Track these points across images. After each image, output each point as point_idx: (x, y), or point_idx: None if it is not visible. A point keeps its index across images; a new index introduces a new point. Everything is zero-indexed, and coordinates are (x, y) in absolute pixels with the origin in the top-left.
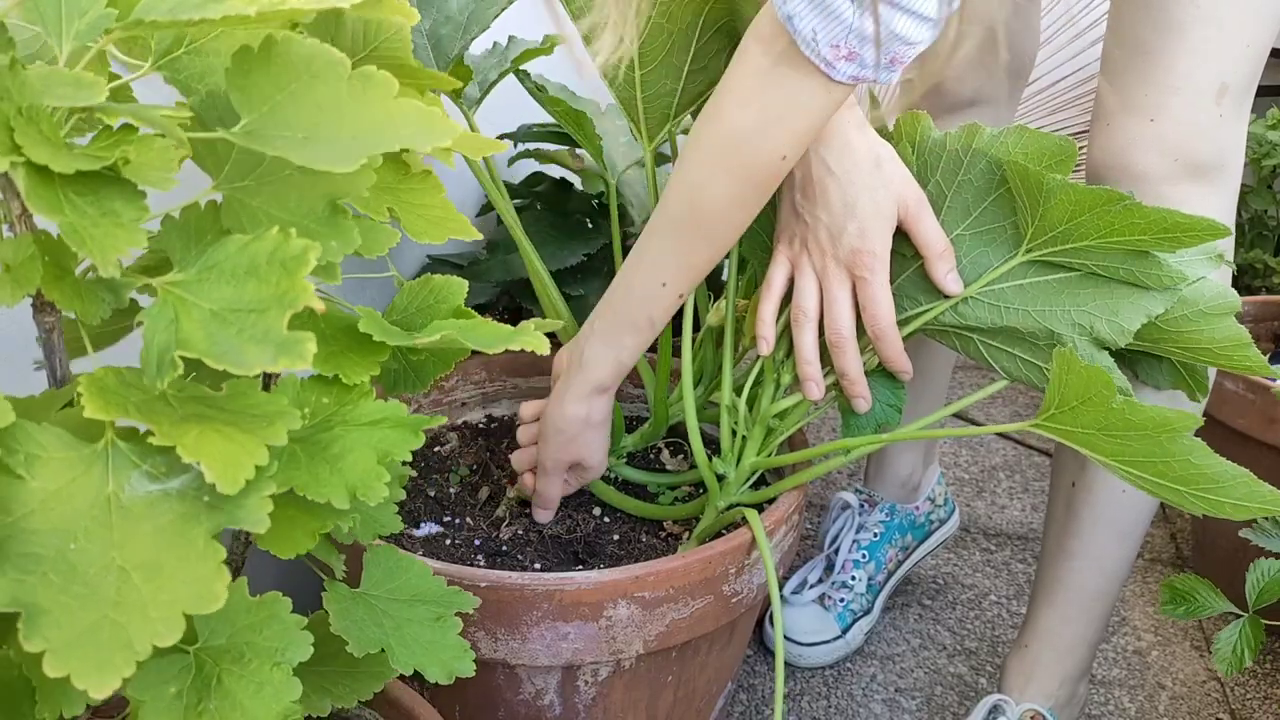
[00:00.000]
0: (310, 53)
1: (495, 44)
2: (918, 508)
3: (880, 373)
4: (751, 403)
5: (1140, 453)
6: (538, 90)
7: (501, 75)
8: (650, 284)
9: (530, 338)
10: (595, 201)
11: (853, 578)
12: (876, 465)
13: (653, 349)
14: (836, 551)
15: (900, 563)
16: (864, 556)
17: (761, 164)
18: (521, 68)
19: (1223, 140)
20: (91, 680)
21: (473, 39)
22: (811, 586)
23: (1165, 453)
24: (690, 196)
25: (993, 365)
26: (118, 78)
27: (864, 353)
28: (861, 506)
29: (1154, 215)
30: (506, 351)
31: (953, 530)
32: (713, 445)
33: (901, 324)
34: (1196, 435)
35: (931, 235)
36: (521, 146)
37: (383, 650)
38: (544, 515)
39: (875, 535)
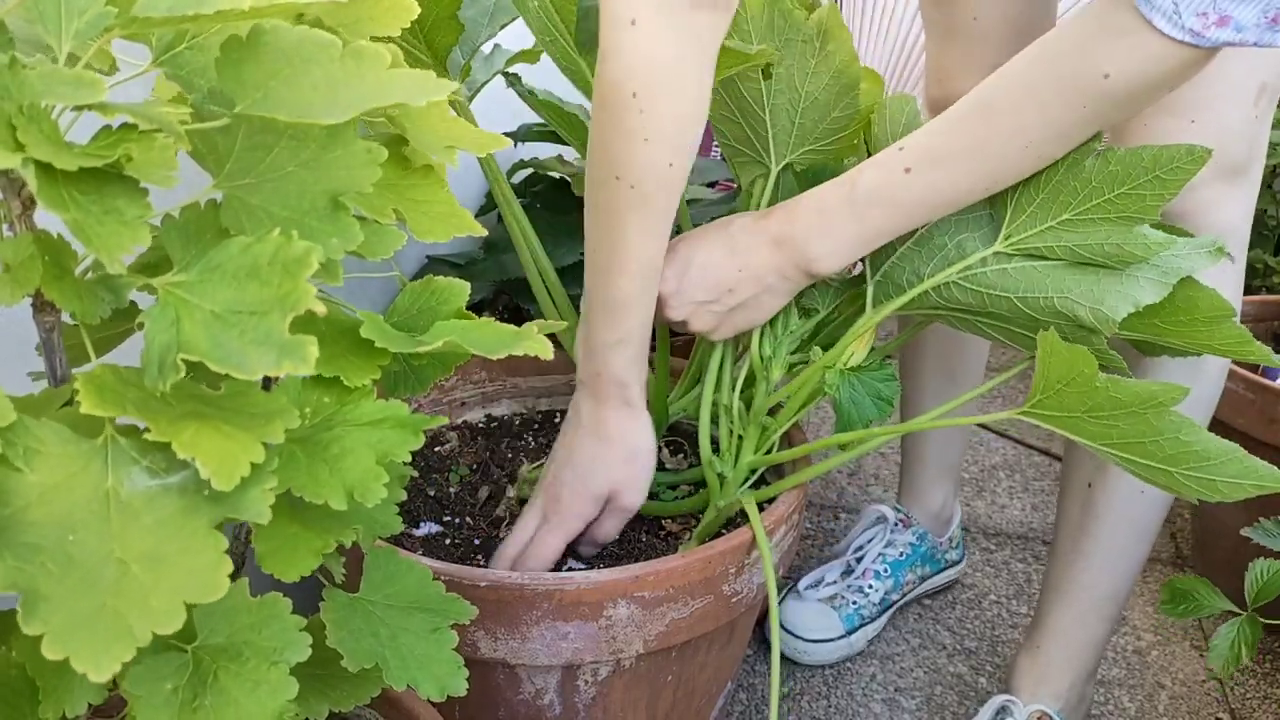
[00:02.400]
0: (300, 37)
1: (478, 50)
2: (941, 543)
3: (871, 368)
4: (746, 402)
5: (1128, 433)
6: (529, 94)
7: (491, 76)
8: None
9: (533, 342)
10: None
11: (870, 586)
12: (909, 494)
13: (652, 348)
14: (859, 559)
15: (913, 588)
16: (885, 570)
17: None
18: (512, 71)
19: (1255, 140)
20: (90, 663)
21: (502, 26)
22: (827, 585)
23: (1153, 430)
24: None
25: (993, 337)
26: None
27: (851, 349)
28: (896, 524)
29: (1129, 157)
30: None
31: (955, 576)
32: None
33: (886, 303)
34: None
35: None
36: (518, 158)
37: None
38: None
39: (901, 554)
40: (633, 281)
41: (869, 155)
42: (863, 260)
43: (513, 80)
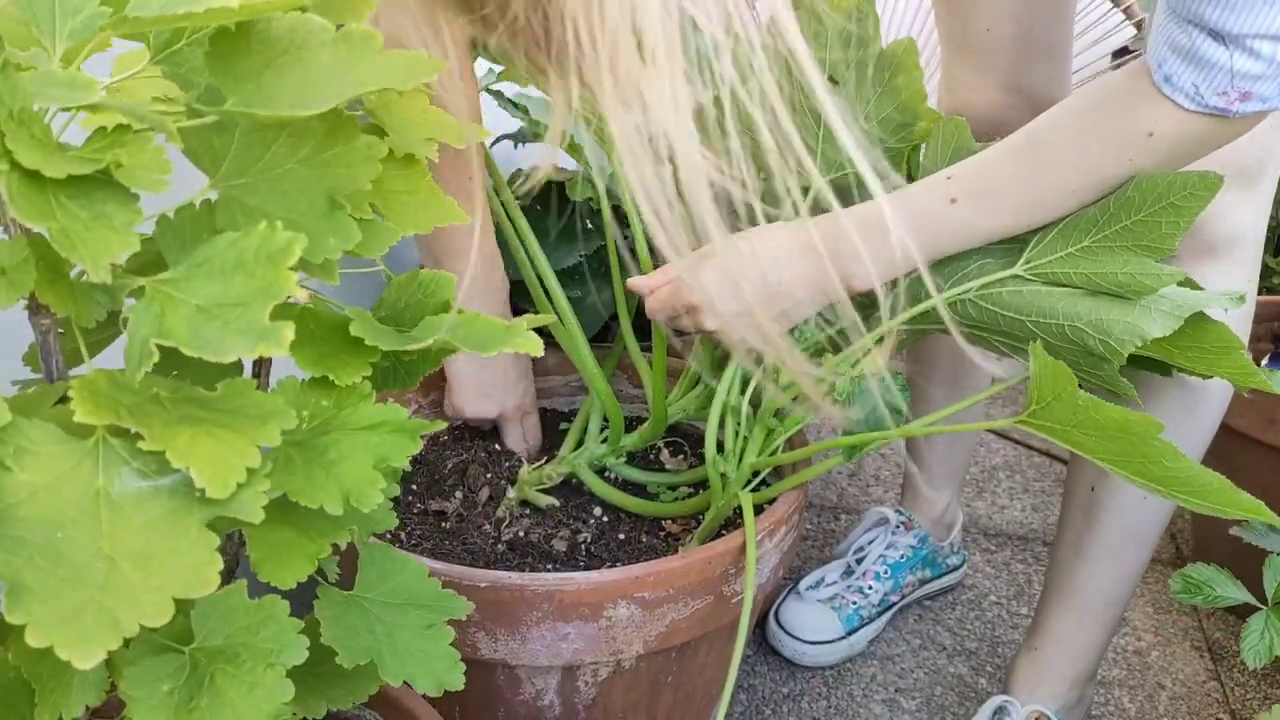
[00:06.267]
0: (291, 24)
1: None
2: (942, 547)
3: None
4: (753, 404)
5: (1118, 451)
6: (514, 106)
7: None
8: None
9: (524, 339)
10: (590, 203)
11: (870, 587)
12: (912, 498)
13: (650, 348)
14: (860, 560)
15: (913, 591)
16: (886, 572)
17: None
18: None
19: (1268, 145)
20: (75, 652)
21: None
22: (828, 585)
23: (1139, 453)
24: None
25: (1004, 353)
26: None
27: (869, 359)
28: (898, 527)
29: (1145, 183)
30: None
31: (955, 582)
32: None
33: (901, 314)
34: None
35: None
36: (517, 163)
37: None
38: None
39: (902, 556)
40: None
41: (909, 179)
42: None
43: (496, 94)
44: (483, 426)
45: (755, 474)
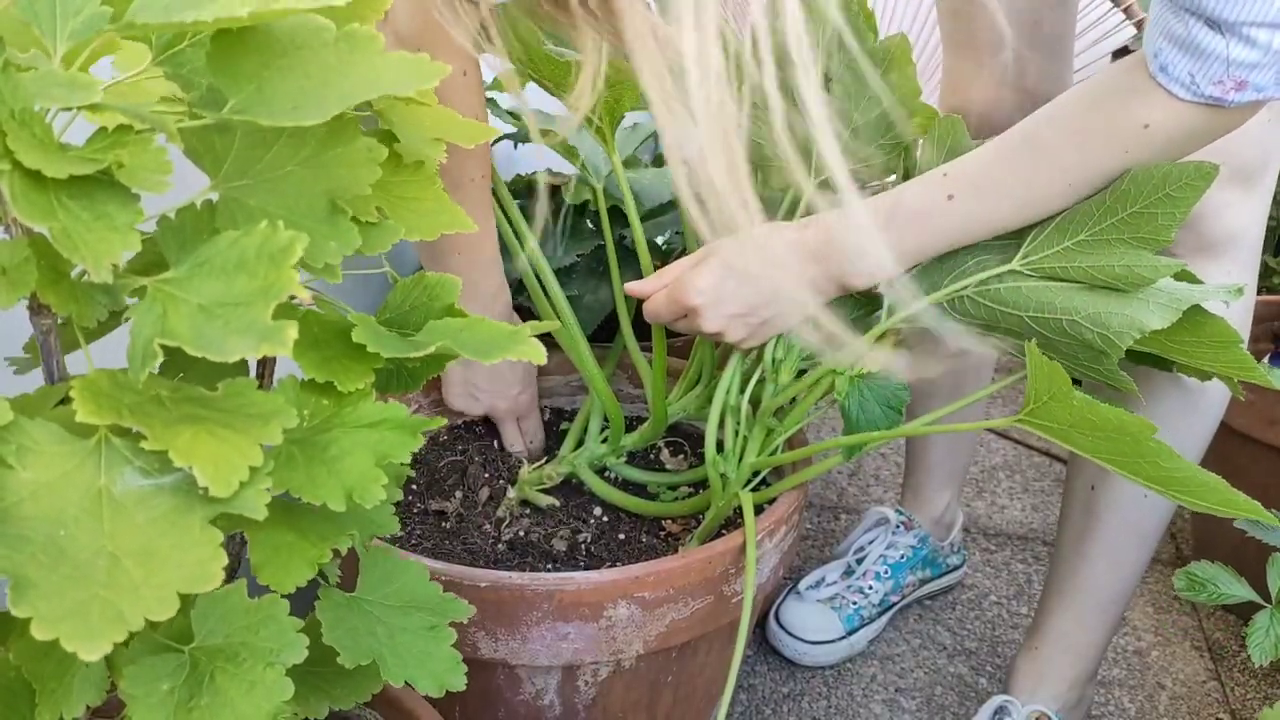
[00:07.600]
0: (293, 24)
1: None
2: (943, 547)
3: (881, 376)
4: (753, 403)
5: (1115, 450)
6: (509, 115)
7: None
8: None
9: (526, 345)
10: (588, 204)
11: (870, 587)
12: (912, 498)
13: (650, 348)
14: (860, 560)
15: (913, 590)
16: (886, 572)
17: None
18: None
19: (1267, 143)
20: (81, 644)
21: None
22: (828, 585)
23: (1135, 453)
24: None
25: (1004, 350)
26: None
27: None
28: (898, 526)
29: (1141, 175)
30: None
31: (955, 581)
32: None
33: (899, 312)
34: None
35: None
36: (517, 165)
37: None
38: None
39: (902, 556)
40: None
41: (905, 177)
42: None
43: (490, 104)
44: (477, 419)
45: (755, 474)
